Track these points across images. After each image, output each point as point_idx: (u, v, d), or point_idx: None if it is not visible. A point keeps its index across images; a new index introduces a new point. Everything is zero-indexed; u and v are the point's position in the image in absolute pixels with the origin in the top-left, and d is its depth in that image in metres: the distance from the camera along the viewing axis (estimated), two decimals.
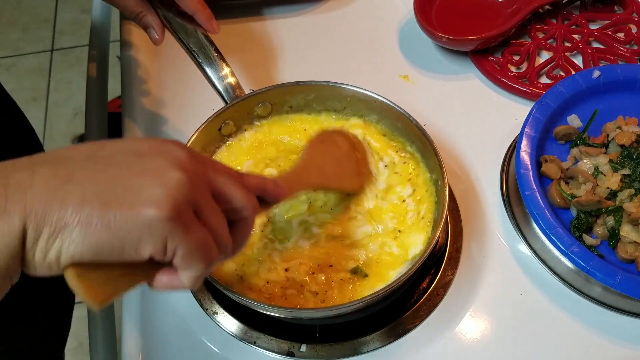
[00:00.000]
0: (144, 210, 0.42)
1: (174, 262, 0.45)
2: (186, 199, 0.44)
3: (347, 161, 0.75)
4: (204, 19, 0.79)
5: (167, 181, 0.43)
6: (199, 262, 0.45)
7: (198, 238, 0.45)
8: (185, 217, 0.44)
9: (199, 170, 0.47)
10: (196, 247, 0.45)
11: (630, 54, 0.95)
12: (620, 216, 0.73)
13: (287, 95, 0.82)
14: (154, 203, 0.42)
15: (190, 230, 0.44)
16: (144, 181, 0.43)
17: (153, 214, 0.42)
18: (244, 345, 0.71)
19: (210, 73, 0.79)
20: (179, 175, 0.44)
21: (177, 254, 0.44)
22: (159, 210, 0.42)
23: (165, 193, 0.43)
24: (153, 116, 0.92)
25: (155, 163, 0.45)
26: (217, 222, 0.47)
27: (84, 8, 2.60)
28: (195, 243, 0.44)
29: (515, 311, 0.73)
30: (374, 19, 1.04)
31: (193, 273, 0.46)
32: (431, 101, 0.93)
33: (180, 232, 0.43)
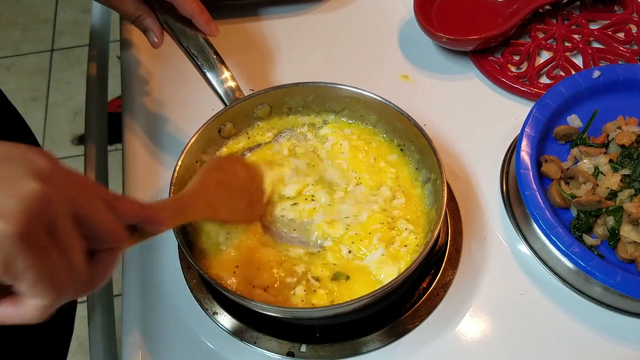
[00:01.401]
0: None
1: (17, 287, 0.39)
2: (41, 216, 0.39)
3: (240, 193, 0.71)
4: (202, 22, 0.79)
5: (22, 192, 0.38)
6: (47, 291, 0.40)
7: (50, 263, 0.39)
8: (37, 237, 0.38)
9: (61, 186, 0.41)
10: (46, 274, 0.39)
11: (630, 54, 0.95)
12: (621, 216, 0.73)
13: (287, 96, 0.82)
14: (3, 215, 0.37)
15: (41, 254, 0.39)
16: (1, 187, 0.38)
17: (1, 229, 0.37)
18: (244, 345, 0.71)
19: (210, 76, 0.79)
20: (37, 188, 0.39)
21: (23, 281, 0.38)
22: (7, 224, 0.37)
23: (17, 206, 0.37)
24: (153, 116, 0.92)
25: (11, 170, 0.39)
26: (72, 247, 0.42)
27: (84, 8, 2.60)
28: (46, 269, 0.39)
29: (515, 311, 0.73)
30: (374, 19, 1.04)
31: (41, 302, 0.40)
32: (431, 101, 0.93)
33: (30, 254, 0.38)
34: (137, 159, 0.87)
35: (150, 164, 0.86)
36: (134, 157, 0.87)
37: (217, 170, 0.70)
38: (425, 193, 0.77)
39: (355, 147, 0.80)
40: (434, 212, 0.73)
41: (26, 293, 0.40)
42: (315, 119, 0.84)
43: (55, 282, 0.40)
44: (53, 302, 0.41)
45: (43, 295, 0.40)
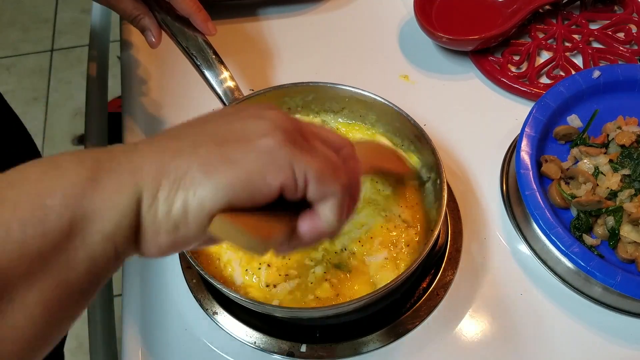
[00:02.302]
0: (258, 140, 0.41)
1: (309, 194, 0.43)
2: (293, 128, 0.43)
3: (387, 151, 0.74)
4: (200, 21, 0.79)
5: (269, 116, 0.43)
6: (334, 182, 0.43)
7: (321, 158, 0.43)
8: (299, 141, 0.43)
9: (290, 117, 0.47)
10: (324, 167, 0.43)
11: (630, 54, 0.95)
12: (621, 216, 0.73)
13: (286, 96, 0.81)
14: (265, 133, 0.41)
15: (311, 152, 0.43)
16: (247, 122, 0.43)
17: (269, 142, 0.41)
18: (244, 346, 0.71)
19: (209, 76, 0.79)
20: (276, 112, 0.44)
21: (310, 180, 0.42)
22: (272, 137, 0.41)
23: (271, 124, 0.42)
24: (153, 116, 0.92)
25: (250, 111, 0.45)
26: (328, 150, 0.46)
27: (84, 8, 2.60)
28: (320, 162, 0.43)
29: (515, 311, 0.73)
30: (374, 19, 1.04)
31: (333, 200, 0.43)
32: (431, 101, 0.93)
33: (303, 154, 0.42)
34: None
35: None
36: None
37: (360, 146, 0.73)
38: (425, 193, 0.77)
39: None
40: (434, 212, 0.73)
41: (317, 194, 0.43)
42: (315, 119, 0.84)
43: (334, 173, 0.43)
44: (342, 197, 0.44)
45: (330, 188, 0.43)
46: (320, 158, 0.43)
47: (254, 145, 0.41)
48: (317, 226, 0.44)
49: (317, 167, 0.42)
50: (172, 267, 0.77)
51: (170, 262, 0.77)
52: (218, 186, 0.39)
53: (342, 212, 0.44)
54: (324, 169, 0.43)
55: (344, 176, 0.44)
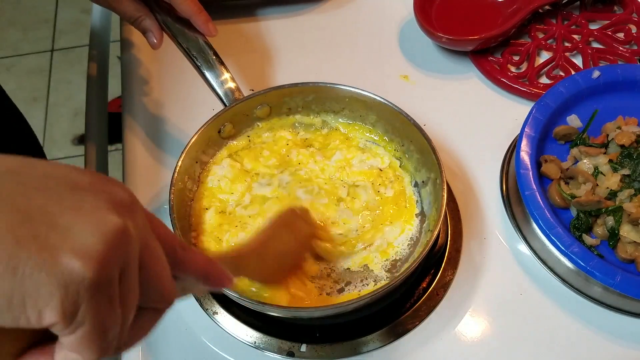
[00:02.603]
0: (66, 262, 0.32)
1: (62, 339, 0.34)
2: (119, 259, 0.34)
3: (287, 258, 0.68)
4: (201, 22, 0.79)
5: (104, 227, 0.33)
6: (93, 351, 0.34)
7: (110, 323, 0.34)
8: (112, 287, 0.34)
9: (140, 225, 0.37)
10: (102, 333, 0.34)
11: (630, 54, 0.95)
12: (620, 216, 0.73)
13: (286, 96, 0.82)
14: (82, 254, 0.32)
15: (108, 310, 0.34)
16: (76, 221, 0.33)
17: (77, 271, 0.32)
18: (244, 345, 0.71)
19: (210, 77, 0.79)
20: (119, 223, 0.34)
21: (77, 331, 0.33)
22: (85, 267, 0.32)
23: (98, 244, 0.33)
24: (153, 116, 0.92)
25: (93, 202, 0.35)
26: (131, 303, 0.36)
27: (84, 8, 2.60)
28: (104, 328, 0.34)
29: (515, 311, 0.73)
30: (374, 19, 1.04)
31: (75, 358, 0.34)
32: (431, 101, 0.93)
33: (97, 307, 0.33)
34: (137, 159, 0.87)
35: (150, 164, 0.86)
36: (134, 157, 0.87)
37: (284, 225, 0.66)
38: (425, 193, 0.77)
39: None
40: (434, 212, 0.73)
41: (69, 346, 0.34)
42: (315, 120, 0.84)
43: (105, 342, 0.35)
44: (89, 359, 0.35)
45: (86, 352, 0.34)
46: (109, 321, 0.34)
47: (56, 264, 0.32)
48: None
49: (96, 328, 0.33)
50: None
51: None
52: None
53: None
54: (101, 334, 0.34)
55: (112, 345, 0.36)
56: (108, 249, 0.33)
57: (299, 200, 0.75)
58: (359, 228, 0.75)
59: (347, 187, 0.77)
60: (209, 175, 0.78)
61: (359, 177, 0.79)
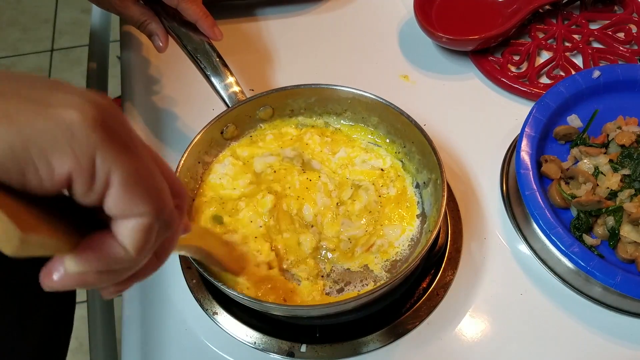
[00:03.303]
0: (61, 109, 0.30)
1: (107, 204, 0.31)
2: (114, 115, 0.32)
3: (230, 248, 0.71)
4: (206, 27, 0.81)
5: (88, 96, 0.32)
6: (144, 201, 0.31)
7: (141, 165, 0.32)
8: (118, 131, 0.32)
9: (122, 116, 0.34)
10: (139, 176, 0.31)
11: (630, 54, 0.95)
12: (621, 216, 0.73)
13: (289, 98, 0.82)
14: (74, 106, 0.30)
15: (129, 151, 0.31)
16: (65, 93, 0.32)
17: (73, 115, 0.30)
18: (244, 346, 0.71)
19: (214, 80, 0.80)
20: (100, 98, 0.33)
21: (112, 183, 0.30)
22: (80, 112, 0.30)
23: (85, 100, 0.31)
24: (153, 116, 0.92)
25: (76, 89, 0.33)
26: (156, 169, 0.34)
27: (84, 8, 2.60)
28: (137, 169, 0.31)
29: (515, 311, 0.73)
30: (374, 19, 1.04)
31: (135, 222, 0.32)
32: (431, 101, 0.93)
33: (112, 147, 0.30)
34: None
35: None
36: None
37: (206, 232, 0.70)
38: (426, 194, 0.77)
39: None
40: (434, 212, 0.73)
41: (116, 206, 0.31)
42: (317, 121, 0.84)
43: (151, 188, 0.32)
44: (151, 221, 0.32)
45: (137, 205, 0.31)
46: (138, 162, 0.32)
47: (51, 112, 0.30)
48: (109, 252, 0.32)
49: (130, 170, 0.31)
50: (172, 267, 0.77)
51: (170, 262, 0.77)
52: None
53: (147, 243, 0.32)
54: (138, 176, 0.31)
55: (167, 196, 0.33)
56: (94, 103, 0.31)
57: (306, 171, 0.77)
58: (360, 233, 0.75)
59: (353, 188, 0.77)
60: (210, 173, 0.79)
61: (360, 176, 0.79)
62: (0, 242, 0.28)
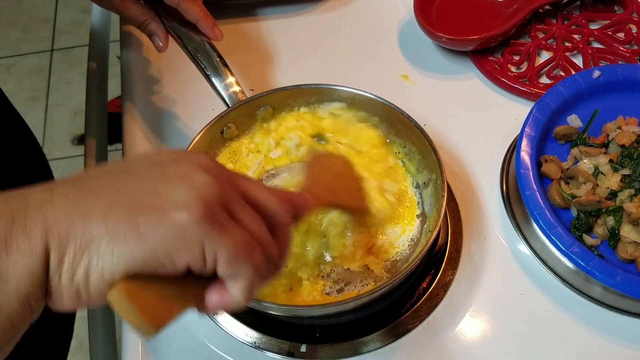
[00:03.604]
0: (173, 214, 0.39)
1: (219, 272, 0.41)
2: (217, 199, 0.41)
3: (347, 179, 0.72)
4: (207, 27, 0.80)
5: (194, 183, 0.41)
6: (245, 264, 0.42)
7: (237, 237, 0.41)
8: (219, 217, 0.41)
9: (225, 174, 0.45)
10: (238, 248, 0.41)
11: (630, 54, 0.95)
12: (621, 216, 0.73)
13: (289, 98, 0.82)
14: (183, 205, 0.39)
15: (227, 230, 0.41)
16: (170, 186, 0.41)
17: (184, 218, 0.39)
18: (244, 346, 0.71)
19: (215, 80, 0.80)
20: (205, 177, 0.42)
21: (220, 260, 0.41)
22: (189, 212, 0.39)
23: (193, 194, 0.40)
24: (153, 116, 0.92)
25: (179, 169, 0.43)
26: (254, 222, 0.44)
27: (84, 8, 2.60)
28: (235, 243, 0.41)
29: (515, 311, 0.73)
30: (374, 19, 1.04)
31: (243, 281, 0.42)
32: (431, 101, 0.93)
33: (217, 233, 0.40)
34: None
35: None
36: None
37: (316, 164, 0.70)
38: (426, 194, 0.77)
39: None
40: (434, 212, 0.73)
41: (227, 273, 0.41)
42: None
43: (248, 255, 0.42)
44: (252, 278, 0.42)
45: (241, 272, 0.41)
46: (236, 237, 0.41)
47: (167, 218, 0.39)
48: (225, 301, 0.43)
49: (230, 247, 0.40)
50: None
51: None
52: (120, 258, 0.38)
53: (251, 292, 0.43)
54: (238, 249, 0.41)
55: (260, 255, 0.43)
56: (201, 196, 0.40)
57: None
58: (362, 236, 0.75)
59: None
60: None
61: (364, 173, 0.79)
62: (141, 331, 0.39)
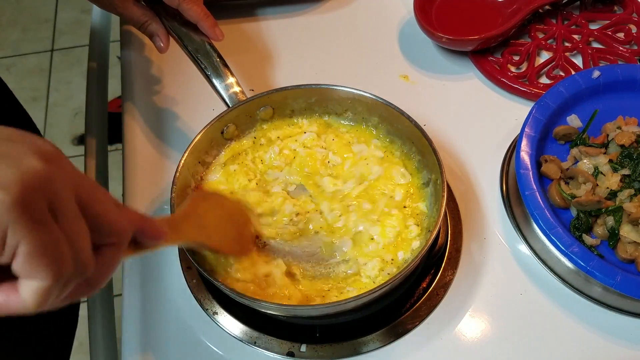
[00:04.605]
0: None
1: (14, 267, 0.37)
2: (41, 190, 0.37)
3: (229, 223, 0.70)
4: (208, 27, 0.81)
5: (22, 166, 0.37)
6: (45, 269, 0.37)
7: (48, 239, 0.37)
8: (35, 209, 0.36)
9: (66, 169, 0.40)
10: (44, 249, 0.37)
11: (630, 54, 0.95)
12: (620, 216, 0.73)
13: (289, 98, 0.82)
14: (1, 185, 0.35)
15: (40, 227, 0.36)
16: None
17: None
18: (244, 346, 0.71)
19: (215, 81, 0.80)
20: (38, 164, 0.38)
21: (19, 252, 0.36)
22: (2, 191, 0.35)
23: (15, 177, 0.36)
24: (153, 116, 0.92)
25: (14, 148, 0.38)
26: (76, 229, 0.39)
27: (84, 8, 2.60)
28: (43, 243, 0.37)
29: (515, 311, 0.73)
30: (374, 19, 1.04)
31: (36, 285, 0.37)
32: (431, 101, 0.93)
33: (26, 224, 0.36)
34: (137, 159, 0.87)
35: (151, 164, 0.86)
36: (134, 157, 0.87)
37: (204, 200, 0.69)
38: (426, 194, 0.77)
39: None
40: (434, 212, 0.73)
41: (21, 271, 0.37)
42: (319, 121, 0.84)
43: (52, 261, 0.37)
44: (49, 288, 0.38)
45: (39, 273, 0.37)
46: (47, 236, 0.37)
47: None
48: (10, 302, 0.38)
49: (35, 243, 0.36)
50: (172, 267, 0.77)
51: (171, 262, 0.77)
52: None
53: (44, 299, 0.38)
54: (42, 248, 0.36)
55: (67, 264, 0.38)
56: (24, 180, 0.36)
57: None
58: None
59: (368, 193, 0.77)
60: (210, 174, 0.79)
61: (367, 173, 0.79)
62: None
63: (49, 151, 0.40)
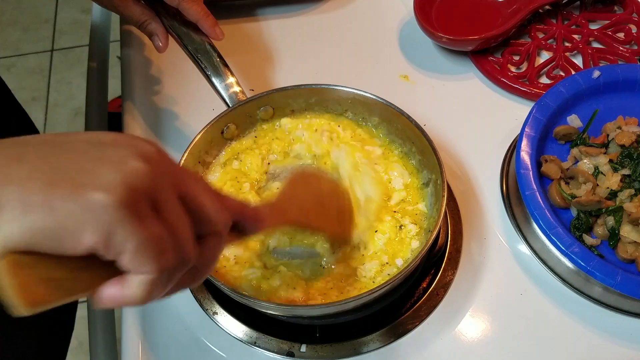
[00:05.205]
0: (91, 193, 0.37)
1: (121, 262, 0.39)
2: (144, 190, 0.39)
3: (330, 204, 0.69)
4: (208, 26, 0.80)
5: (126, 168, 0.39)
6: (151, 262, 0.39)
7: (151, 233, 0.39)
8: (139, 208, 0.39)
9: (167, 167, 0.43)
10: (148, 243, 0.39)
11: (630, 54, 0.95)
12: (621, 216, 0.73)
13: (289, 98, 0.82)
14: (105, 187, 0.37)
15: (143, 223, 0.39)
16: (100, 166, 0.39)
17: (100, 198, 0.37)
18: (244, 346, 0.71)
19: (215, 80, 0.80)
20: (140, 165, 0.40)
21: (125, 249, 0.38)
22: (108, 194, 0.37)
23: (120, 179, 0.38)
24: (153, 116, 0.92)
25: (117, 152, 0.40)
26: (178, 223, 0.42)
27: (84, 8, 2.61)
28: (147, 237, 0.39)
29: (515, 311, 0.73)
30: (374, 19, 1.04)
31: (145, 277, 0.40)
32: (431, 101, 0.93)
33: (130, 223, 0.38)
34: None
35: None
36: None
37: (303, 181, 0.68)
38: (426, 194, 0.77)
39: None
40: (434, 212, 0.73)
41: (128, 266, 0.39)
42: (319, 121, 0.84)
43: (157, 253, 0.39)
44: (156, 279, 0.40)
45: (145, 266, 0.39)
46: (151, 231, 0.39)
47: (82, 195, 0.37)
48: (122, 294, 0.40)
49: (140, 238, 0.38)
50: None
51: None
52: (21, 227, 0.36)
53: (152, 292, 0.40)
54: (148, 243, 0.39)
55: (172, 257, 0.41)
56: (127, 181, 0.38)
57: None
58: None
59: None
60: (210, 174, 0.79)
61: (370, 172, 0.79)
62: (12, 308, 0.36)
63: (149, 151, 0.42)
